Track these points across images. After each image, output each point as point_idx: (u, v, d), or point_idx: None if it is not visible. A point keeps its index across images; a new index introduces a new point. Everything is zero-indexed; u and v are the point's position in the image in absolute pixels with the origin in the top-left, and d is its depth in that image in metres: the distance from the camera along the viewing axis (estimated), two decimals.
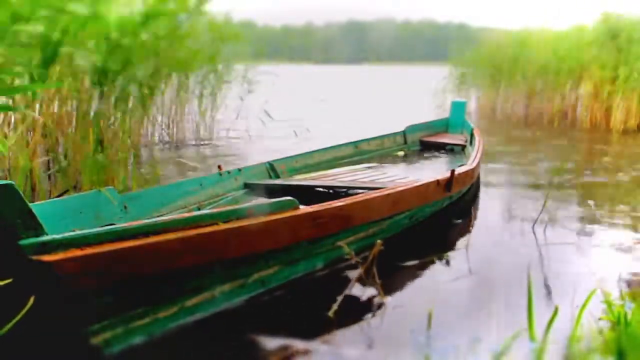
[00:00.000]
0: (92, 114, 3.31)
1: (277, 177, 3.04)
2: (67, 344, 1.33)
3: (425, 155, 4.18)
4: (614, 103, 7.14)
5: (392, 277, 1.87)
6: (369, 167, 3.60)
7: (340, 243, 1.90)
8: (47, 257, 1.18)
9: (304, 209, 1.72)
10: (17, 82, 2.66)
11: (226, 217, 1.48)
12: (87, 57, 3.02)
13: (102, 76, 3.30)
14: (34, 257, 1.17)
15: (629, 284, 1.86)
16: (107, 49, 3.21)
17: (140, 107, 4.04)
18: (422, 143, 4.46)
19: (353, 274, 1.83)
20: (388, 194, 2.12)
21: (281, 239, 1.65)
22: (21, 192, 1.17)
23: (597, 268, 2.00)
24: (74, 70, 3.20)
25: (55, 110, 3.31)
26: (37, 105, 3.23)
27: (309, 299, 1.69)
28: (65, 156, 3.12)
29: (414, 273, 1.94)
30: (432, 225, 2.50)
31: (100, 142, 3.16)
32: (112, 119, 3.41)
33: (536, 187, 3.42)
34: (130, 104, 3.73)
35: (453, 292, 1.77)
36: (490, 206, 2.91)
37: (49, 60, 2.63)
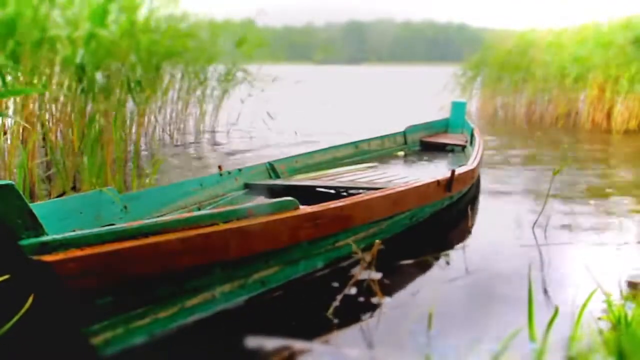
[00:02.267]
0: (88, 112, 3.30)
1: (278, 177, 3.04)
2: (67, 344, 1.33)
3: (426, 155, 4.17)
4: (616, 104, 7.12)
5: (392, 277, 1.87)
6: (369, 167, 3.59)
7: (341, 243, 1.90)
8: (47, 257, 1.18)
9: (304, 209, 1.72)
10: None
11: (226, 217, 1.48)
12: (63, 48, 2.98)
13: (79, 70, 3.26)
14: (34, 257, 1.17)
15: (629, 284, 1.86)
16: (82, 40, 3.17)
17: (136, 105, 4.01)
18: (422, 143, 4.46)
19: (353, 274, 1.84)
20: (388, 194, 2.12)
21: (281, 239, 1.65)
22: (21, 192, 1.17)
23: (597, 268, 1.99)
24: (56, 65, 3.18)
25: (51, 109, 3.30)
26: (37, 105, 3.23)
27: (309, 299, 1.69)
28: (64, 156, 3.11)
29: (413, 273, 1.94)
30: (432, 226, 2.50)
31: (97, 141, 3.15)
32: (104, 117, 3.39)
33: (536, 187, 3.41)
34: (117, 101, 3.69)
35: (453, 292, 1.77)
36: (490, 206, 2.91)
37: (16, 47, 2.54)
